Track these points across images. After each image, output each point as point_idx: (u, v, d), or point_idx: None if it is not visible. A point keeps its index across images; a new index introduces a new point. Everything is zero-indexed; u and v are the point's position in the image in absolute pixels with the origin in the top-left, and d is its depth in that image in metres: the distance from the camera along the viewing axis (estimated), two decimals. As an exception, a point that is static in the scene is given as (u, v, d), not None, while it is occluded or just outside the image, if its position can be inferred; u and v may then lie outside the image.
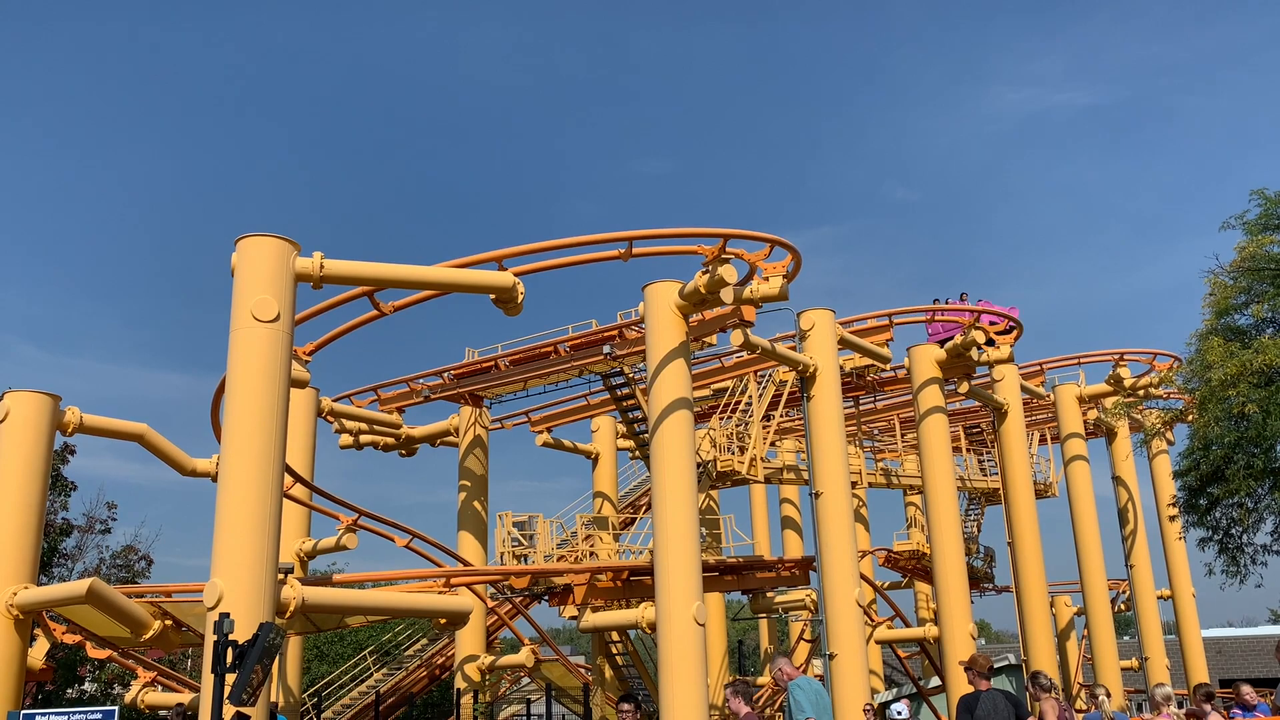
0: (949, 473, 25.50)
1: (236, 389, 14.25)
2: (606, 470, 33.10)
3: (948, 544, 24.81)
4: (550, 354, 25.70)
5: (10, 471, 18.59)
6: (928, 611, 38.60)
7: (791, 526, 37.63)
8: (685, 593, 18.07)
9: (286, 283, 14.81)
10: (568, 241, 18.37)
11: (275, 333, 14.47)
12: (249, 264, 14.77)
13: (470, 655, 26.62)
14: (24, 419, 18.87)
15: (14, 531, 18.36)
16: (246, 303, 14.46)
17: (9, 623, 17.82)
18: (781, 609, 29.84)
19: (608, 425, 33.20)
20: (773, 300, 19.89)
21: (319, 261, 15.12)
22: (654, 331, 19.49)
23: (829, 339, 22.64)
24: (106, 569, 35.60)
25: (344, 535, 22.98)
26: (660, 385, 19.07)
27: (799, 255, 19.78)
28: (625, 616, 22.39)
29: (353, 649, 43.40)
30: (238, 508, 13.70)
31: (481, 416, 28.90)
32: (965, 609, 24.60)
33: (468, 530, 28.22)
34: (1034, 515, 28.56)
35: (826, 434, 22.02)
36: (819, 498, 21.74)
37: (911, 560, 33.91)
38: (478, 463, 28.68)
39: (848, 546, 21.44)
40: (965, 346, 25.28)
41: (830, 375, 22.35)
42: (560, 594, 24.70)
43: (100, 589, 17.36)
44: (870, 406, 34.02)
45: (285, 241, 14.96)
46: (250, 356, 14.32)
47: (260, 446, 13.97)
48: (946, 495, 25.21)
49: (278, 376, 14.35)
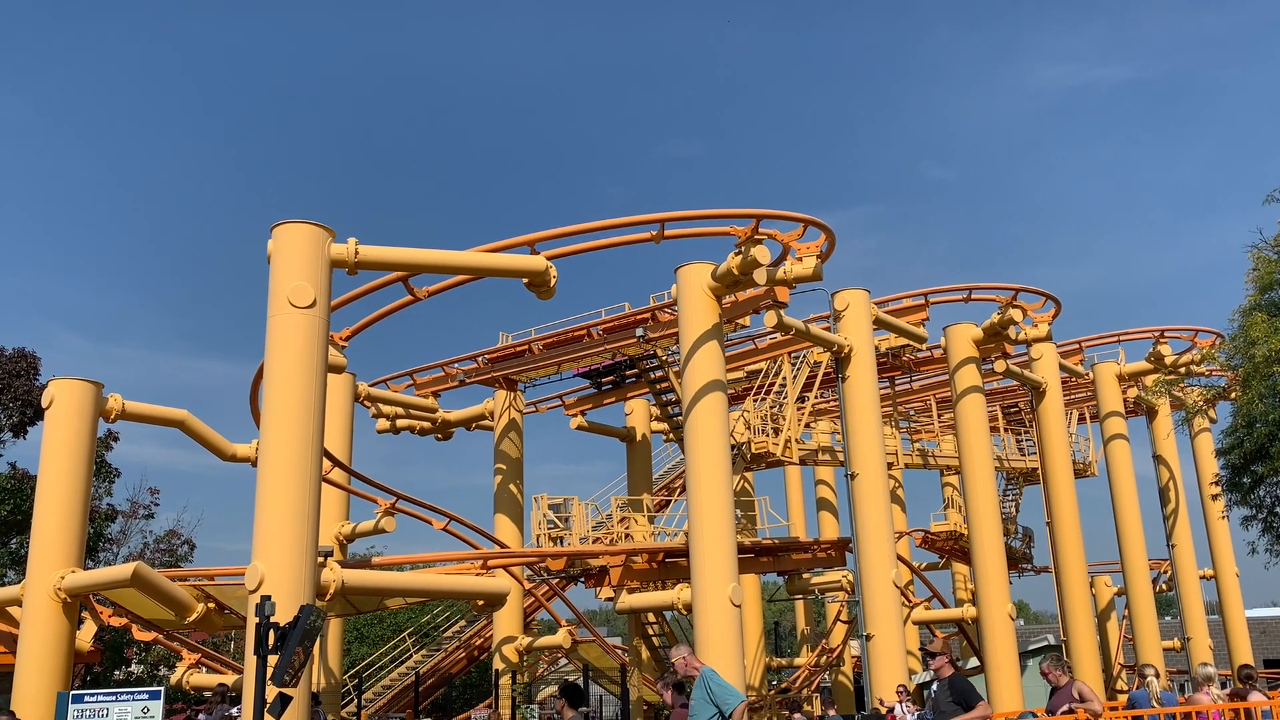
0: (986, 453, 25.31)
1: (275, 375, 14.41)
2: (641, 453, 33.11)
3: (985, 524, 24.66)
4: (583, 337, 25.74)
5: (56, 458, 18.94)
6: (965, 592, 38.41)
7: (827, 508, 37.54)
8: (721, 574, 18.11)
9: (322, 269, 14.94)
10: (600, 224, 18.39)
11: (312, 318, 14.61)
12: (285, 251, 14.91)
13: (508, 636, 26.85)
14: (68, 407, 19.20)
15: (61, 517, 18.71)
16: (283, 289, 14.60)
17: (57, 606, 18.20)
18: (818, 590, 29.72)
19: (642, 408, 33.23)
20: (806, 281, 19.79)
21: (354, 247, 15.23)
22: (687, 314, 19.47)
23: (864, 319, 22.50)
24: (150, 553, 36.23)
25: (382, 518, 23.23)
26: (694, 367, 19.05)
27: (833, 235, 19.67)
28: (661, 598, 22.47)
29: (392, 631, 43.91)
30: (278, 492, 13.88)
31: (516, 400, 29.04)
32: (1003, 589, 24.45)
33: (504, 513, 28.41)
34: (1073, 495, 28.29)
35: (862, 415, 21.90)
36: (855, 479, 21.65)
37: (949, 541, 33.71)
38: (512, 446, 28.84)
39: (884, 527, 21.36)
40: (1003, 325, 25.04)
41: (865, 356, 22.22)
42: (596, 576, 24.82)
43: (145, 572, 17.68)
44: (906, 387, 33.80)
45: (320, 228, 15.08)
46: (288, 342, 14.47)
47: (299, 431, 14.14)
48: (984, 475, 25.03)
49: (315, 362, 14.50)
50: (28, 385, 33.02)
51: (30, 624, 18.16)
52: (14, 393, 32.77)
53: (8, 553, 32.05)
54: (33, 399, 32.36)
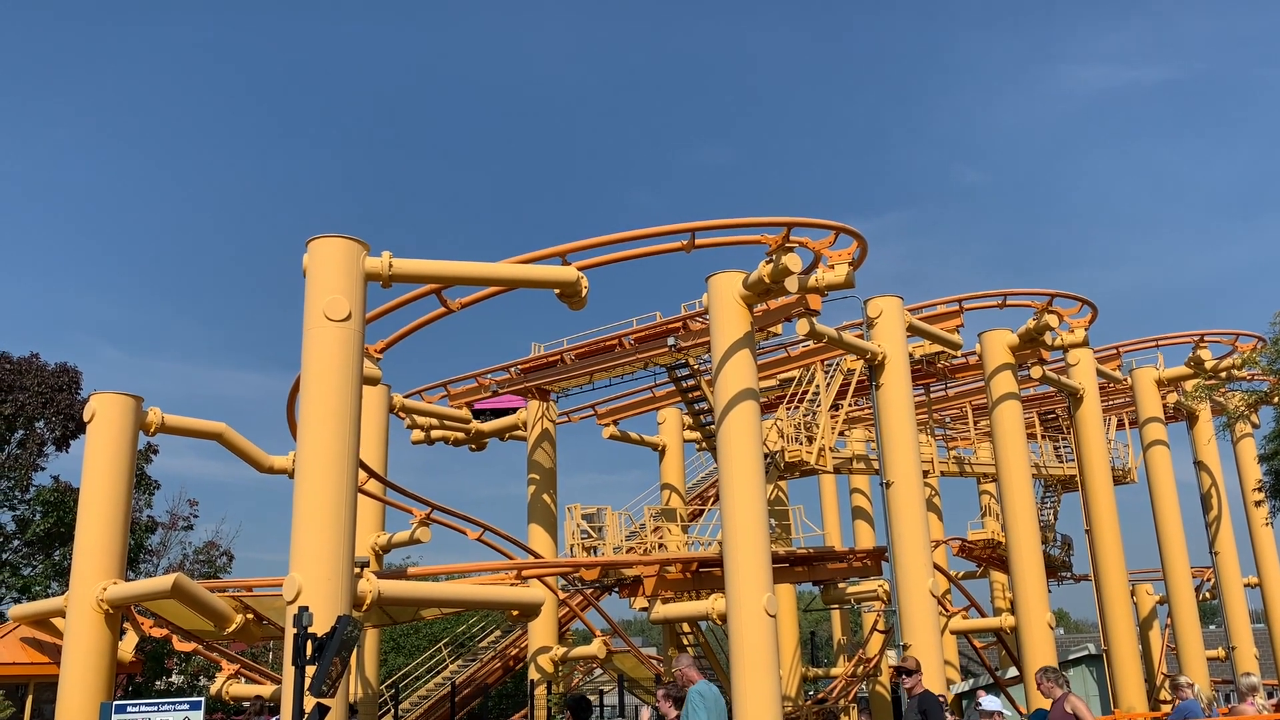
0: (1023, 460, 25.08)
1: (311, 387, 14.57)
2: (673, 462, 33.13)
3: (1023, 532, 24.42)
4: (615, 347, 25.80)
5: (98, 471, 19.26)
6: (1004, 601, 37.98)
7: (862, 517, 37.32)
8: (755, 584, 18.06)
9: (357, 282, 15.10)
10: (631, 234, 18.44)
11: (347, 331, 14.76)
12: (320, 265, 15.08)
13: (543, 646, 26.90)
14: (109, 420, 19.52)
15: (102, 529, 19.02)
16: (319, 303, 14.77)
17: (99, 617, 18.48)
18: (854, 600, 29.56)
19: (674, 417, 33.23)
20: (839, 288, 19.72)
21: (388, 261, 15.39)
22: (718, 322, 19.46)
23: (898, 326, 22.38)
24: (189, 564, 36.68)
25: (417, 529, 23.37)
26: (725, 376, 19.04)
27: (865, 242, 19.58)
28: (695, 608, 22.43)
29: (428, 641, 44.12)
30: (314, 503, 14.01)
31: (549, 410, 29.13)
32: (1042, 598, 24.19)
33: (537, 523, 28.49)
34: (1112, 502, 27.94)
35: (897, 422, 21.78)
36: (890, 487, 21.52)
37: (986, 549, 33.40)
38: (546, 456, 28.93)
39: (920, 536, 21.21)
40: (1039, 331, 24.82)
41: (899, 363, 22.10)
42: (630, 586, 24.82)
43: (185, 583, 17.91)
44: (941, 394, 33.55)
45: (355, 242, 15.24)
46: (324, 355, 14.63)
47: (335, 443, 14.28)
48: (1021, 483, 24.80)
49: (350, 374, 14.64)
50: (69, 399, 33.61)
51: (73, 635, 18.45)
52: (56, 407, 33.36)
53: (51, 564, 32.59)
54: (74, 413, 32.92)
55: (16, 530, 32.80)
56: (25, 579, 32.00)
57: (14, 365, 33.17)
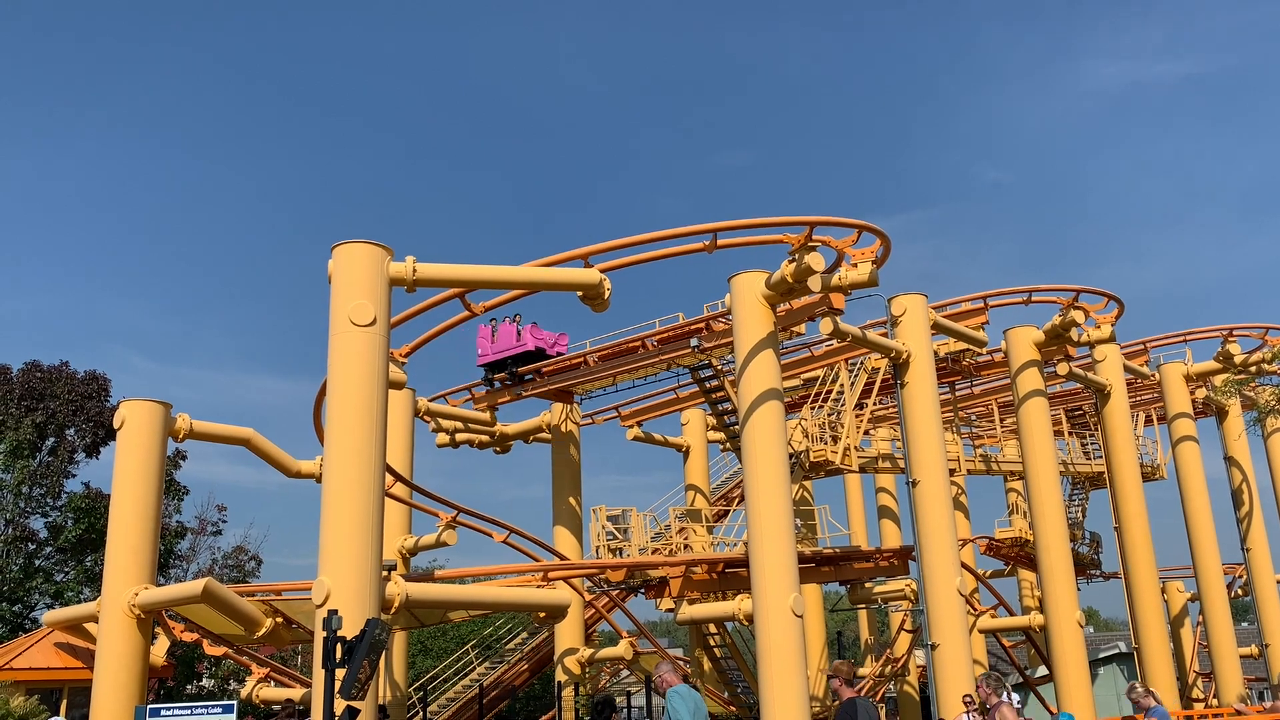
0: (1051, 457, 24.94)
1: (337, 392, 14.69)
2: (698, 463, 33.12)
3: (1051, 530, 24.28)
4: (638, 349, 25.82)
5: (128, 478, 19.48)
6: (1032, 600, 37.73)
7: (889, 516, 37.16)
8: (782, 584, 18.05)
9: (381, 287, 15.21)
10: (653, 236, 18.48)
11: (372, 336, 14.87)
12: (345, 270, 15.21)
13: (570, 648, 26.95)
14: (139, 427, 19.74)
15: (134, 535, 19.23)
16: (344, 308, 14.89)
17: (132, 622, 18.69)
18: (881, 600, 29.43)
19: (698, 418, 33.21)
20: (862, 287, 19.68)
21: (412, 265, 15.50)
22: (741, 322, 19.47)
23: (922, 324, 22.30)
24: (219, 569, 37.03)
25: (444, 531, 23.47)
26: (749, 376, 19.04)
27: (888, 240, 19.53)
28: (722, 609, 22.42)
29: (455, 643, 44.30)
30: (342, 507, 14.13)
31: (572, 413, 29.19)
32: (1071, 596, 24.04)
33: (563, 525, 28.56)
34: (1141, 499, 27.72)
35: (922, 421, 21.72)
36: (916, 486, 21.46)
37: (1014, 547, 33.18)
38: (570, 458, 28.99)
39: (947, 535, 21.14)
40: (1064, 327, 24.66)
41: (924, 361, 22.03)
42: (656, 587, 24.81)
43: (214, 588, 18.08)
44: (967, 392, 33.38)
45: (379, 247, 15.36)
46: (349, 360, 14.76)
47: (361, 447, 14.39)
48: (1049, 480, 24.65)
49: (376, 379, 14.75)
50: (99, 407, 34.02)
51: (106, 640, 18.67)
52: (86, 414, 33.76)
53: (83, 570, 32.97)
54: (104, 420, 33.31)
55: (49, 537, 33.22)
56: (58, 585, 32.39)
57: (45, 373, 33.61)
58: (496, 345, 27.08)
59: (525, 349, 26.73)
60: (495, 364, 27.42)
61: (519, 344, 26.73)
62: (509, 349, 26.90)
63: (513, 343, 26.78)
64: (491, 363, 27.41)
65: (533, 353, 26.86)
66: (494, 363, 27.39)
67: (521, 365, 27.15)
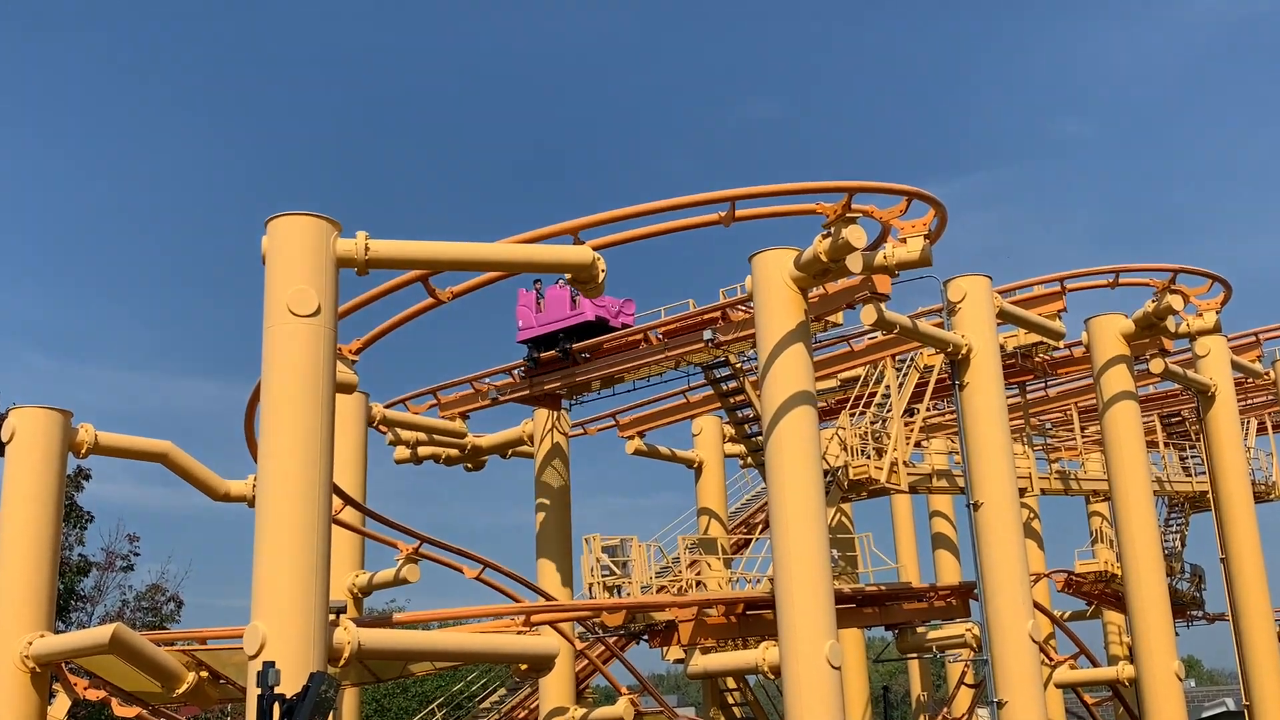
0: (1143, 474, 24.90)
1: (273, 397, 14.65)
2: (712, 481, 33.08)
3: (1143, 562, 24.23)
4: (640, 343, 25.79)
5: (18, 501, 19.40)
6: (1120, 647, 37.71)
7: (945, 545, 37.14)
8: (815, 629, 18.01)
9: (327, 269, 15.17)
10: (658, 205, 18.44)
11: (316, 328, 14.83)
12: (282, 248, 15.16)
13: (557, 707, 26.93)
14: (32, 440, 19.65)
15: (26, 571, 19.16)
16: (281, 295, 14.85)
17: (24, 677, 18.64)
18: (935, 647, 29.44)
19: (712, 427, 33.18)
20: (913, 267, 19.64)
21: (364, 243, 15.46)
22: (765, 311, 19.41)
23: (985, 312, 22.28)
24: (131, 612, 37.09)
25: (404, 566, 23.45)
26: (775, 376, 18.99)
27: (944, 210, 19.49)
28: (742, 659, 22.38)
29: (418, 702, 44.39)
30: (280, 537, 14.09)
31: (560, 421, 29.15)
32: (1168, 643, 24.02)
33: (548, 557, 28.53)
34: (1253, 524, 27.69)
35: (986, 430, 21.70)
36: (978, 509, 21.44)
37: (1098, 584, 33.13)
38: (557, 476, 28.97)
39: (1016, 568, 21.11)
40: (1159, 315, 24.63)
41: (988, 357, 22.01)
42: (662, 632, 24.81)
43: (125, 636, 18.04)
44: (1040, 394, 33.34)
45: (324, 221, 15.32)
46: (288, 357, 14.72)
47: (303, 464, 14.35)
48: (1140, 502, 24.61)
49: (320, 380, 14.71)
50: (-15, 415, 34.03)
51: (-6, 699, 18.60)
52: (-31, 424, 33.75)
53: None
54: (-9, 431, 33.29)
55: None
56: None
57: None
58: (544, 315, 25.77)
59: (583, 319, 25.51)
60: (542, 339, 26.12)
61: (574, 313, 25.51)
62: (561, 319, 25.64)
63: (566, 311, 25.54)
64: (537, 338, 26.16)
65: (593, 324, 25.58)
66: (540, 338, 26.12)
67: (578, 339, 25.78)
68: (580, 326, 25.69)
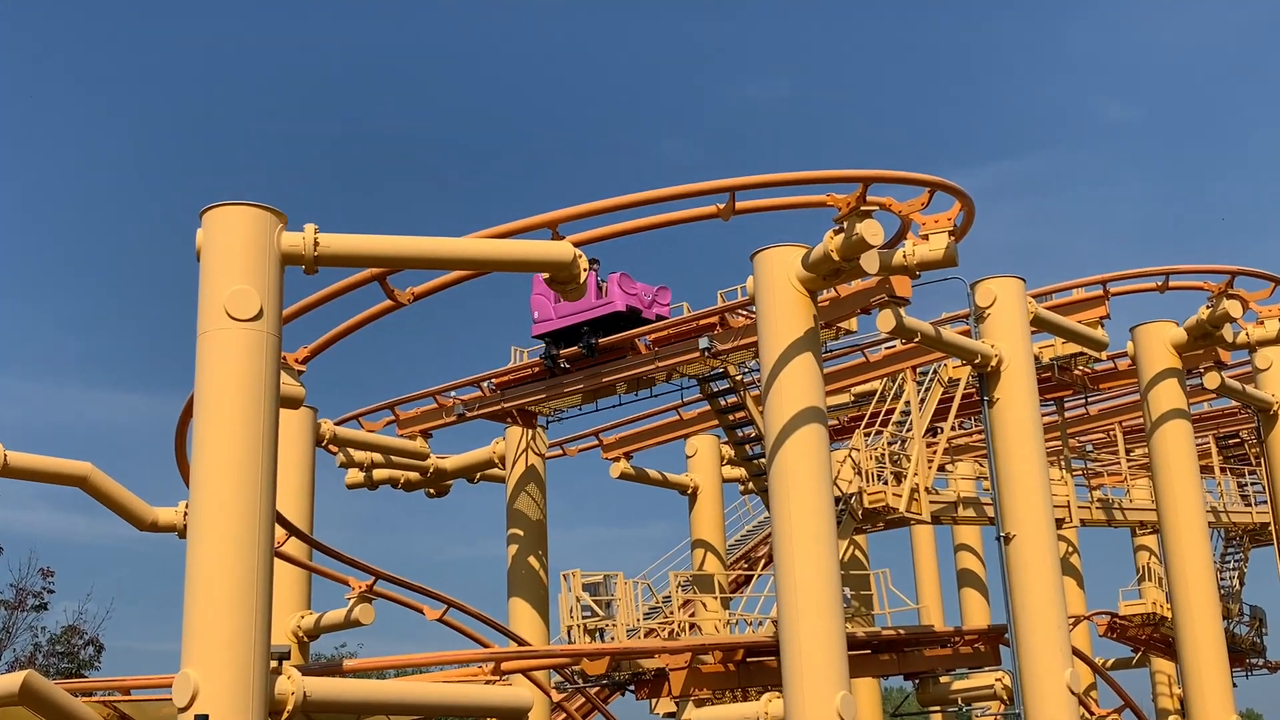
0: (1196, 503, 25.03)
1: (209, 412, 14.66)
2: (708, 510, 33.11)
3: (1197, 603, 24.36)
4: (627, 352, 25.84)
5: (-83, 530, 19.44)
6: (1171, 699, 37.90)
7: (972, 584, 37.24)
8: (824, 678, 18.08)
9: (270, 267, 15.18)
10: (647, 196, 18.47)
11: (257, 334, 14.85)
12: (220, 243, 15.17)
13: (530, 768, 26.97)
14: (-68, 460, 19.67)
15: (-76, 610, 19.19)
16: (218, 296, 14.85)
17: (-78, 731, 18.61)
18: (961, 699, 29.54)
19: (708, 448, 33.23)
20: (936, 267, 19.76)
21: (312, 236, 15.47)
22: (769, 316, 19.51)
23: (1018, 319, 22.39)
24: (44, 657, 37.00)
25: (356, 606, 23.44)
26: (780, 390, 19.08)
27: (971, 202, 19.60)
28: (742, 712, 22.37)
29: (370, 762, 44.18)
30: (215, 573, 14.08)
31: (535, 440, 29.19)
32: (1225, 694, 24.14)
33: (521, 596, 28.55)
34: (1322, 560, 27.85)
35: (1019, 452, 21.80)
36: (1010, 542, 21.54)
37: (1145, 627, 33.27)
38: (532, 503, 29.00)
39: (1053, 610, 21.19)
40: (1215, 323, 24.77)
41: (1022, 370, 22.12)
42: (651, 682, 24.84)
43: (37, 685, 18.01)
44: (1080, 412, 33.43)
45: (267, 211, 15.32)
46: (225, 367, 14.72)
47: (242, 489, 14.34)
48: (1193, 534, 24.75)
49: (262, 393, 14.73)
50: (-124, 432, 33.93)
51: (-114, 756, 18.58)
52: None
53: None
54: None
55: None
56: None
57: None
58: (566, 305, 25.46)
59: (612, 309, 25.31)
60: (562, 333, 26.02)
61: (602, 302, 25.34)
62: (585, 310, 25.41)
63: (591, 301, 25.20)
64: (556, 331, 26.07)
65: (624, 315, 25.34)
66: (560, 331, 26.01)
67: (604, 333, 25.57)
68: (608, 318, 25.46)
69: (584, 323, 25.61)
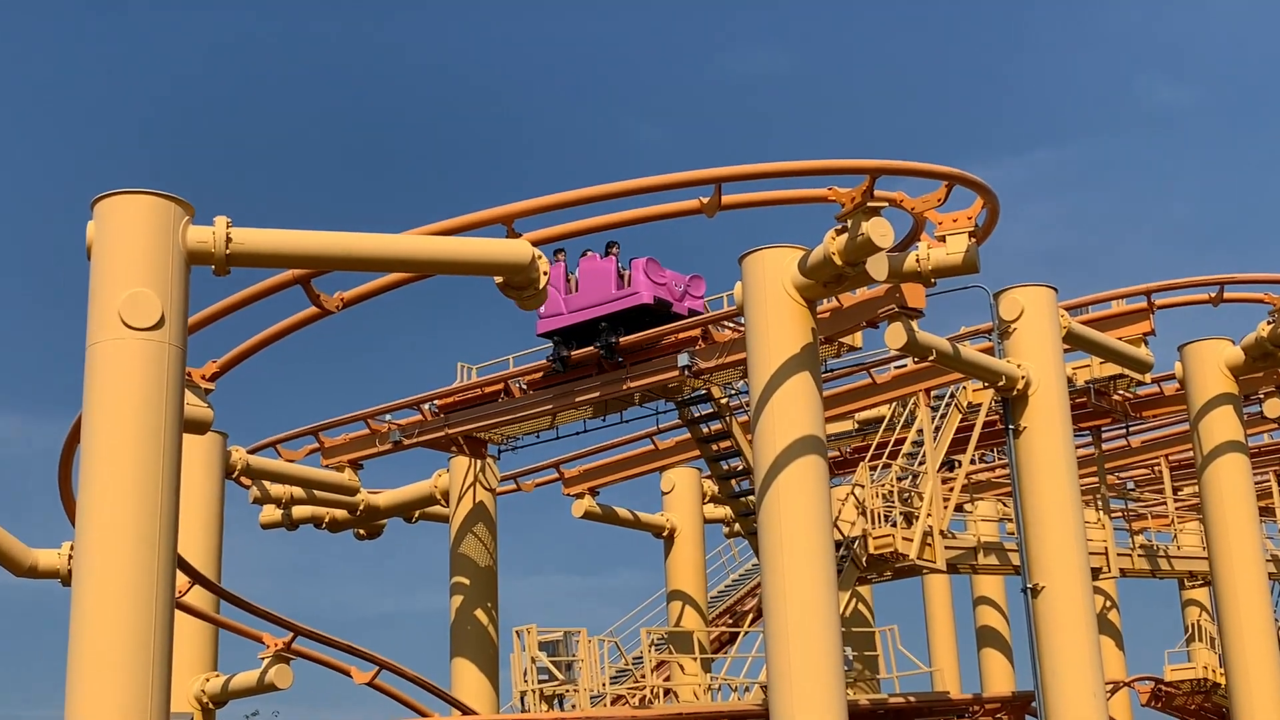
0: (1254, 550, 25.11)
1: (99, 437, 14.46)
2: (687, 555, 33.01)
3: (1255, 666, 24.39)
4: (592, 370, 25.74)
5: None
6: (1224, 779, 37.92)
7: (995, 643, 37.25)
8: (823, 754, 17.98)
9: (174, 266, 15.00)
10: (619, 188, 18.40)
11: (157, 346, 14.66)
12: (115, 238, 14.97)
13: None
14: None
15: None
16: (111, 300, 14.66)
17: None
18: (981, 777, 29.46)
19: (688, 482, 33.14)
20: (954, 273, 19.71)
21: (224, 232, 15.30)
22: (760, 329, 19.46)
23: (1049, 334, 22.46)
24: (-98, 726, 36.55)
25: (271, 668, 23.26)
26: (772, 416, 19.02)
27: (994, 199, 19.59)
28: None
29: None
30: (104, 627, 13.87)
31: (485, 473, 29.04)
32: (1287, 774, 24.16)
33: (467, 656, 28.39)
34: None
35: (1049, 490, 21.83)
36: (1038, 595, 21.55)
37: (1195, 695, 33.32)
38: (480, 546, 28.84)
39: (1088, 673, 21.21)
40: (1276, 341, 24.82)
41: (1053, 394, 22.18)
42: (619, 757, 24.76)
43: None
44: (1120, 444, 33.50)
45: (170, 201, 15.15)
46: (119, 384, 14.52)
47: (137, 527, 14.14)
48: (1251, 587, 24.81)
49: (163, 414, 14.54)
50: None
51: None
52: None
53: None
54: None
55: None
56: None
57: None
58: (579, 297, 24.95)
59: (638, 301, 24.49)
60: (575, 330, 25.33)
61: (624, 293, 24.56)
62: (604, 302, 24.71)
63: (611, 291, 24.62)
64: (567, 328, 25.36)
65: (650, 308, 24.55)
66: (572, 328, 25.32)
67: (627, 330, 24.80)
68: (632, 312, 24.66)
69: (602, 318, 24.78)
